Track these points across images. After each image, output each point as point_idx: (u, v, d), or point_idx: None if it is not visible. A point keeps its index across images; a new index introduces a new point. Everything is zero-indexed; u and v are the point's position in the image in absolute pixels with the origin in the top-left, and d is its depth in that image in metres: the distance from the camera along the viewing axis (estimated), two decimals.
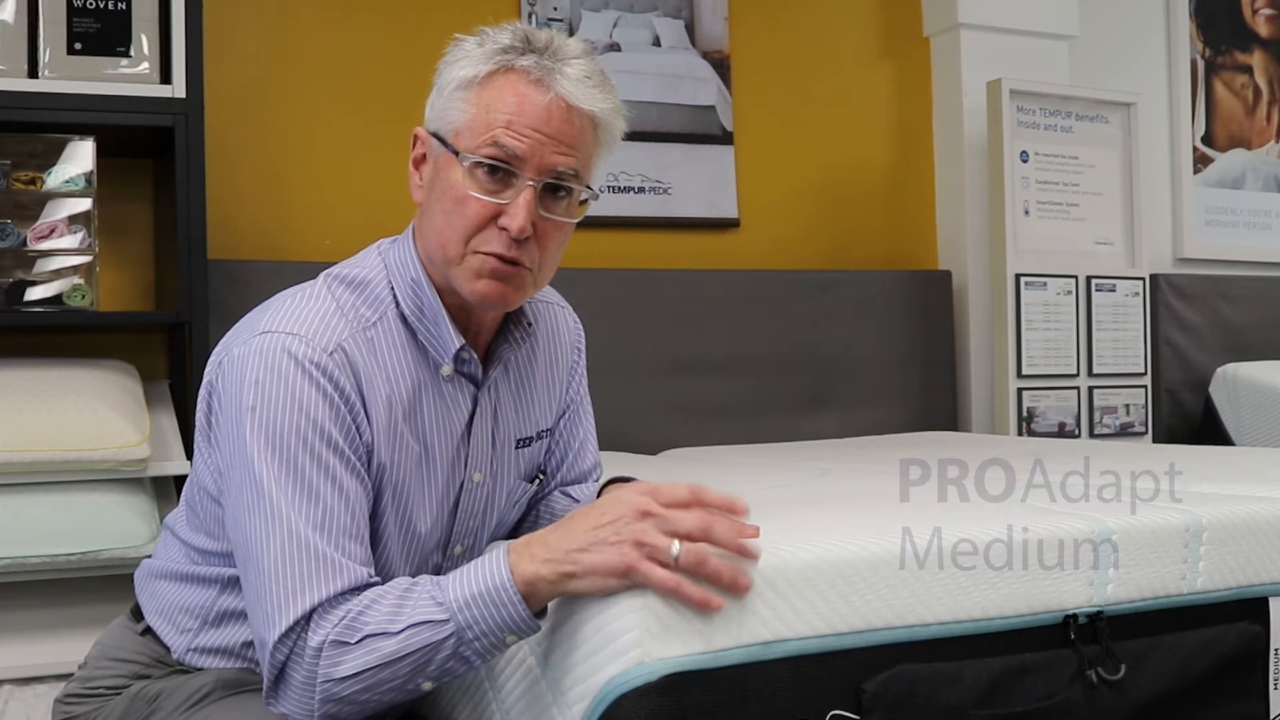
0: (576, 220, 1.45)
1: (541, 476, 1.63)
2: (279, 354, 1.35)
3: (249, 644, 1.47)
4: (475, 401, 1.50)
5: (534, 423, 1.59)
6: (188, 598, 1.50)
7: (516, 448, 1.57)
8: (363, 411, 1.39)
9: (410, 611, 1.26)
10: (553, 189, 1.40)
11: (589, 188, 1.43)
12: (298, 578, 1.29)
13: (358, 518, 1.35)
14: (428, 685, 1.29)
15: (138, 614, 1.57)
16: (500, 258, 1.39)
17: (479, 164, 1.37)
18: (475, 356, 1.48)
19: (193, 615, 1.50)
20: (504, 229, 1.38)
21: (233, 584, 1.46)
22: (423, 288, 1.45)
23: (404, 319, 1.45)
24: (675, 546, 1.22)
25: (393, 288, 1.46)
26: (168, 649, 1.51)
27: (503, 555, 1.27)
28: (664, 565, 1.22)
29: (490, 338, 1.52)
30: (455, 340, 1.44)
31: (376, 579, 1.33)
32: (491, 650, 1.27)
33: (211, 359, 1.46)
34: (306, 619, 1.28)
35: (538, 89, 1.38)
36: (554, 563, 1.25)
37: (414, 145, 1.46)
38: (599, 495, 1.55)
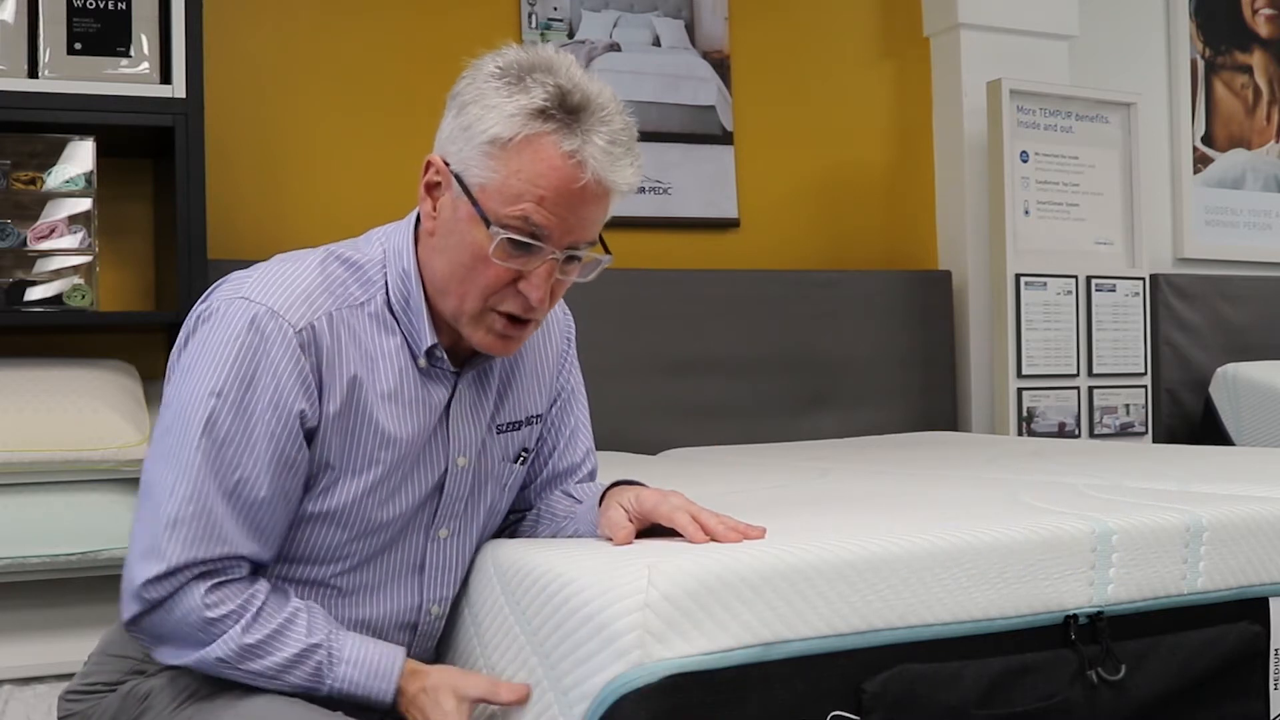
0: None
1: (524, 454, 1.63)
2: (245, 322, 1.39)
3: None
4: (454, 388, 1.52)
5: (522, 408, 1.61)
6: None
7: (502, 432, 1.59)
8: (316, 391, 1.42)
9: (298, 673, 1.41)
10: (571, 256, 1.43)
11: (605, 247, 1.47)
12: (193, 531, 1.37)
13: (270, 502, 1.41)
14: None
15: None
16: (515, 319, 1.44)
17: (508, 237, 1.38)
18: (445, 357, 1.50)
19: None
20: (522, 294, 1.42)
21: None
22: (411, 280, 1.48)
23: (390, 306, 1.48)
24: None
25: (385, 275, 1.48)
26: None
27: (394, 680, 1.44)
28: None
29: None
30: (428, 338, 1.48)
31: (254, 580, 1.43)
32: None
33: (192, 311, 1.48)
34: (191, 571, 1.37)
35: (576, 168, 1.37)
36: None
37: (426, 170, 1.45)
38: (601, 499, 1.55)
